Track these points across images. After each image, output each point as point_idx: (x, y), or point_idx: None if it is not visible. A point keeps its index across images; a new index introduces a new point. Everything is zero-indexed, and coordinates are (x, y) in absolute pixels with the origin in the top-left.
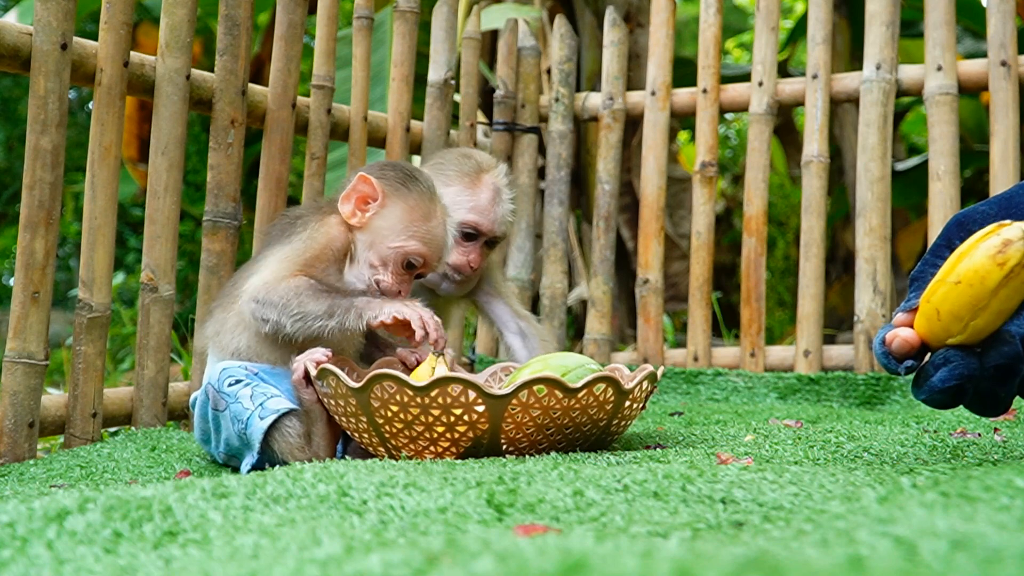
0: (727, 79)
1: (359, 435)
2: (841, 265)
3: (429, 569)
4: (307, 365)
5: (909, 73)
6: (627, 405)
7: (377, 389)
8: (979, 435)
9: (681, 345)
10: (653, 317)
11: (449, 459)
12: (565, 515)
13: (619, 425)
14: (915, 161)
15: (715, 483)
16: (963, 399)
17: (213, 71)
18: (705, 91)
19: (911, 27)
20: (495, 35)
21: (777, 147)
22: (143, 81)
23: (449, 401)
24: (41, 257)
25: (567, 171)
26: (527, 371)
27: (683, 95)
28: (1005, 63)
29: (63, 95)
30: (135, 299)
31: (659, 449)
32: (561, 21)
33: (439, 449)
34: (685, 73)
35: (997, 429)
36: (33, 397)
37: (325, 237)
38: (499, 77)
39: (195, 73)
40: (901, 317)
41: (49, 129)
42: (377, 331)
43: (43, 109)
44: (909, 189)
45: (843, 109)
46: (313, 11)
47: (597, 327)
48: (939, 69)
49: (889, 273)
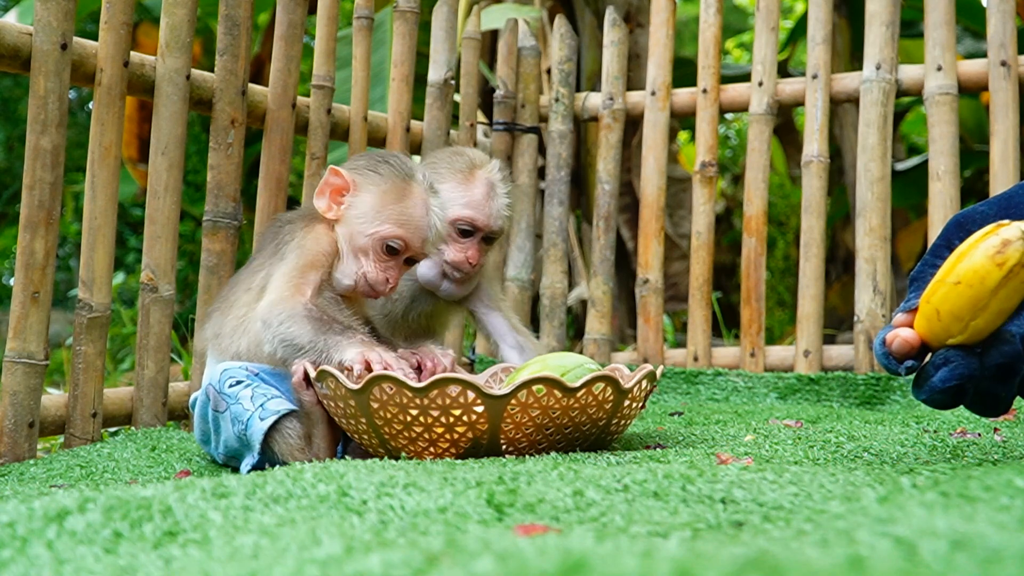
0: (727, 79)
1: (359, 436)
2: (841, 265)
3: (429, 569)
4: (306, 367)
5: (909, 73)
6: (626, 404)
7: (376, 391)
8: (979, 435)
9: (681, 345)
10: (653, 317)
11: (449, 459)
12: (565, 515)
13: (619, 425)
14: (915, 161)
15: (715, 483)
16: (963, 399)
17: (213, 71)
18: (705, 91)
19: (911, 27)
20: (495, 35)
21: (777, 147)
22: (143, 81)
23: (448, 402)
24: (41, 257)
25: (567, 171)
26: (526, 371)
27: (683, 95)
28: (1005, 63)
29: (63, 95)
30: (135, 299)
31: (659, 449)
32: (561, 21)
33: (439, 450)
34: (685, 73)
35: (997, 429)
36: (33, 397)
37: (314, 245)
38: (499, 77)
39: (195, 73)
40: (901, 317)
41: (49, 129)
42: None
43: (43, 109)
44: (909, 189)
45: (843, 109)
46: (313, 11)
47: (597, 327)
48: (939, 69)
49: (889, 273)
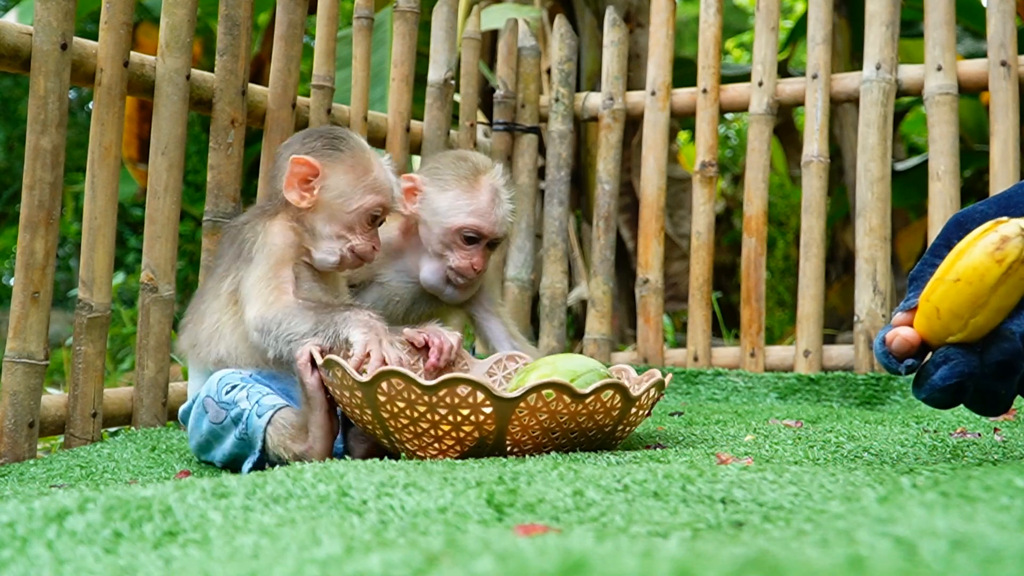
0: (727, 79)
1: (363, 425)
2: (841, 265)
3: (429, 569)
4: (312, 351)
5: (909, 73)
6: (634, 412)
7: (384, 385)
8: (979, 435)
9: (681, 345)
10: (653, 317)
11: (449, 459)
12: (565, 515)
13: (623, 431)
14: (915, 161)
15: (715, 483)
16: (964, 397)
17: (213, 71)
18: (705, 91)
19: (911, 27)
20: (495, 35)
21: (777, 147)
22: (143, 81)
23: (457, 401)
24: (41, 257)
25: (567, 171)
26: (535, 373)
27: (683, 95)
28: (1005, 63)
29: (63, 95)
30: (135, 299)
31: (659, 449)
32: (561, 21)
33: (443, 447)
34: (685, 73)
35: (997, 429)
36: (33, 397)
37: (280, 240)
38: (499, 77)
39: (195, 73)
40: (901, 316)
41: (49, 129)
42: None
43: (43, 109)
44: (909, 189)
45: (843, 109)
46: (313, 11)
47: (597, 327)
48: (939, 69)
49: (889, 273)
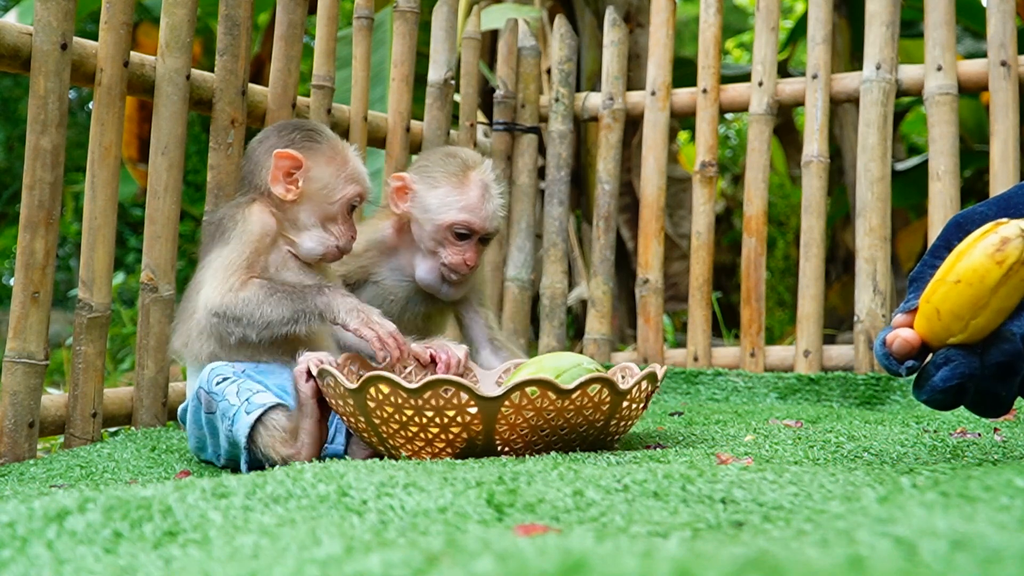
0: (727, 79)
1: (360, 433)
2: (841, 265)
3: (429, 569)
4: (311, 364)
5: (909, 73)
6: (626, 406)
7: (372, 391)
8: (979, 435)
9: (681, 345)
10: (653, 317)
11: (449, 459)
12: (565, 515)
13: (619, 426)
14: (915, 161)
15: (715, 483)
16: (964, 399)
17: (213, 71)
18: (705, 91)
19: (911, 27)
20: (495, 35)
21: (777, 147)
22: (143, 81)
23: (442, 403)
24: (41, 257)
25: (567, 171)
26: (522, 372)
27: (683, 95)
28: (1005, 63)
29: (63, 95)
30: (135, 299)
31: (659, 449)
32: (561, 21)
33: (435, 449)
34: (685, 73)
35: (997, 429)
36: (33, 397)
37: (258, 227)
38: (499, 77)
39: (195, 73)
40: (901, 318)
41: (49, 129)
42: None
43: (43, 109)
44: (909, 189)
45: (843, 109)
46: (313, 11)
47: (597, 327)
48: (939, 69)
49: (889, 273)
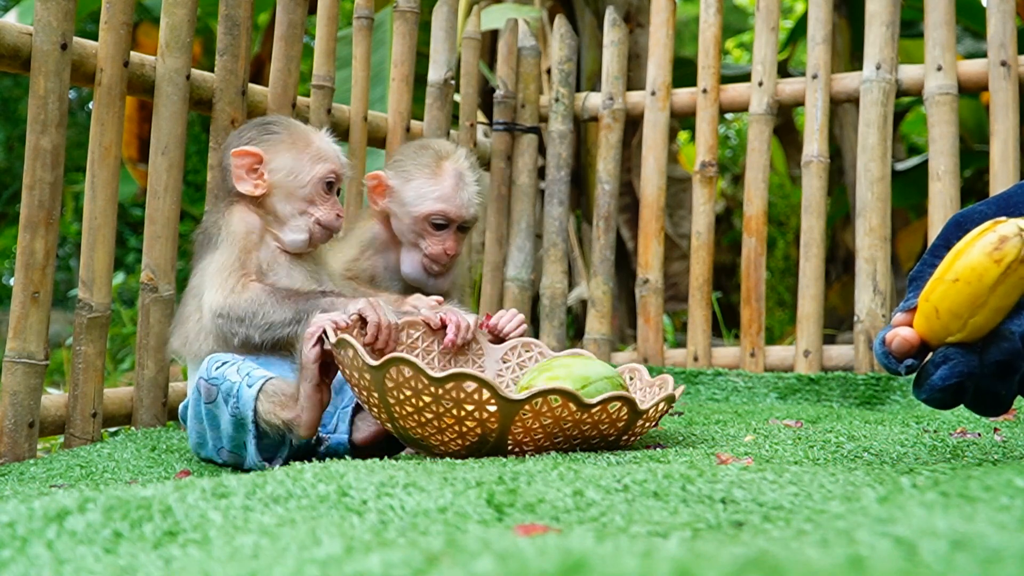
0: (727, 79)
1: (370, 407)
2: (841, 265)
3: (429, 569)
4: (326, 328)
5: (909, 73)
6: (639, 424)
7: (393, 371)
8: (979, 435)
9: (681, 345)
10: (653, 317)
11: (449, 459)
12: (565, 515)
13: (628, 440)
14: (915, 161)
15: (715, 483)
16: (963, 398)
17: (213, 71)
18: (705, 91)
19: (911, 27)
20: (495, 35)
21: (777, 147)
22: (143, 81)
23: (462, 397)
24: (41, 257)
25: (567, 171)
26: (546, 375)
27: (683, 95)
28: (1005, 63)
29: (63, 95)
30: (135, 299)
31: (659, 449)
32: (561, 21)
33: (445, 439)
34: (685, 73)
35: (997, 429)
36: (33, 397)
37: (241, 227)
38: (499, 77)
39: (195, 73)
40: (900, 317)
41: (49, 129)
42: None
43: (43, 109)
44: (909, 189)
45: (843, 109)
46: (313, 11)
47: (597, 327)
48: (939, 69)
49: (889, 273)
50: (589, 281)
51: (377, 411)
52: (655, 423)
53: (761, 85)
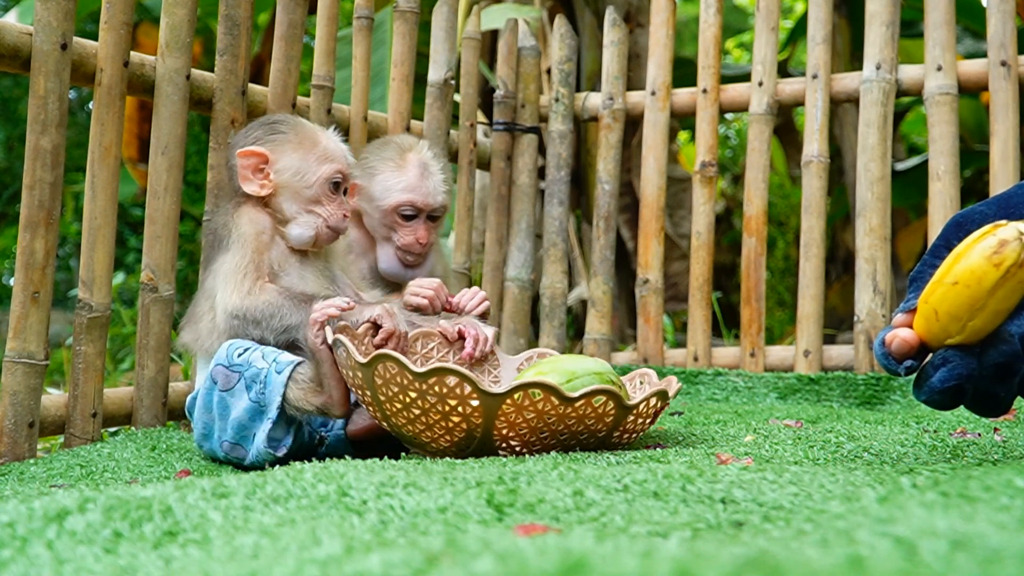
0: (727, 79)
1: (367, 405)
2: (841, 265)
3: (429, 569)
4: (328, 313)
5: (909, 73)
6: (631, 419)
7: (380, 368)
8: (979, 435)
9: (681, 345)
10: (653, 317)
11: (449, 459)
12: (565, 515)
13: (622, 437)
14: (915, 161)
15: (715, 483)
16: (963, 399)
17: (213, 71)
18: (705, 91)
19: (911, 27)
20: (495, 35)
21: (777, 147)
22: (143, 81)
23: (445, 391)
24: (41, 257)
25: (567, 171)
26: (533, 371)
27: (683, 95)
28: (1005, 63)
29: (63, 95)
30: (135, 299)
31: (659, 449)
32: (561, 21)
33: (434, 434)
34: (685, 73)
35: (997, 429)
36: (33, 397)
37: (251, 227)
38: (499, 77)
39: (195, 73)
40: (900, 318)
41: (49, 129)
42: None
43: (43, 109)
44: (909, 189)
45: (843, 109)
46: (313, 11)
47: (597, 327)
48: (939, 69)
49: (889, 273)
50: (589, 281)
51: (373, 409)
52: (652, 420)
53: (761, 85)
